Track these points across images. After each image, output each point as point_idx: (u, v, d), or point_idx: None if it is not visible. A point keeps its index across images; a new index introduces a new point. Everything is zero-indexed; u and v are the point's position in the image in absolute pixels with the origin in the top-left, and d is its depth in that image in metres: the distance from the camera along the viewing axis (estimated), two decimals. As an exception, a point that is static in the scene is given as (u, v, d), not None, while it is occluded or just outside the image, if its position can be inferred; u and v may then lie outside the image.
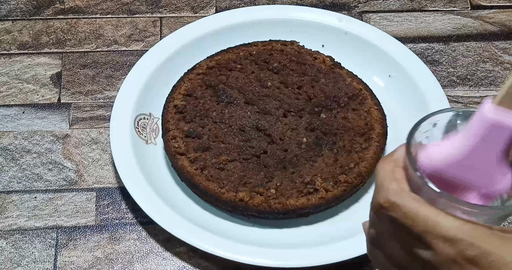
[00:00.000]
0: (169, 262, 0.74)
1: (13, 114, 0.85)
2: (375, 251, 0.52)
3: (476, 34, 0.95)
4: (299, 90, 0.81)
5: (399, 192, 0.46)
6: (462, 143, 0.46)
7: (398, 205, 0.46)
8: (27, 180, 0.80)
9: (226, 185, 0.73)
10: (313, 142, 0.76)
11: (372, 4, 0.98)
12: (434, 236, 0.44)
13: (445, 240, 0.44)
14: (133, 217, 0.77)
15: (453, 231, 0.44)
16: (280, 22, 0.90)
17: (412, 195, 0.46)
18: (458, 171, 0.46)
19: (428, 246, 0.45)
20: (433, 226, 0.44)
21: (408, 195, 0.46)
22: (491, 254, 0.43)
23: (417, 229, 0.45)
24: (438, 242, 0.44)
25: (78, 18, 0.95)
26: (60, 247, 0.75)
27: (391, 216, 0.46)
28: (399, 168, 0.47)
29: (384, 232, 0.49)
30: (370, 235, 0.52)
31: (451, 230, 0.44)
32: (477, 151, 0.45)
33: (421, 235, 0.45)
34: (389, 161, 0.48)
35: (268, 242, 0.73)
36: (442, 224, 0.44)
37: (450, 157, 0.46)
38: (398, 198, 0.46)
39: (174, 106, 0.79)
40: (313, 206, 0.73)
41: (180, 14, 0.96)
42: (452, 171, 0.46)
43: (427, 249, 0.45)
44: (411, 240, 0.46)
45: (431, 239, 0.44)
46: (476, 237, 0.43)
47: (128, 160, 0.76)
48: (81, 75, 0.89)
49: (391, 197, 0.46)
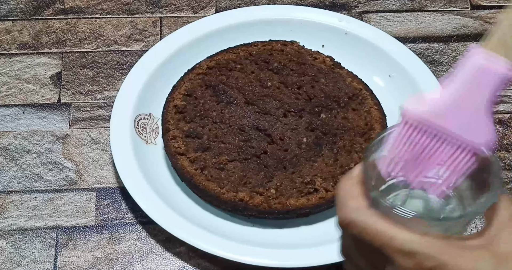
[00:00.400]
0: (169, 262, 0.74)
1: (13, 114, 0.85)
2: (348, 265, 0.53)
3: (476, 34, 0.95)
4: (299, 90, 0.81)
5: (356, 209, 0.48)
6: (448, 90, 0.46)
7: (356, 221, 0.47)
8: (27, 180, 0.80)
9: (226, 185, 0.73)
10: (313, 142, 0.76)
11: (372, 4, 0.98)
12: (392, 250, 0.46)
13: (403, 253, 0.45)
14: (133, 217, 0.77)
15: (409, 245, 0.45)
16: (280, 22, 0.90)
17: (369, 211, 0.47)
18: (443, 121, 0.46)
19: (389, 260, 0.46)
20: (390, 240, 0.45)
21: (365, 211, 0.47)
22: (448, 265, 0.44)
23: (376, 244, 0.46)
24: (397, 256, 0.45)
25: (78, 18, 0.95)
26: (60, 247, 0.75)
27: (352, 232, 0.48)
28: (357, 185, 0.49)
29: (350, 246, 0.51)
30: (341, 251, 0.53)
31: (407, 243, 0.45)
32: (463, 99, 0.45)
33: (381, 250, 0.46)
34: (348, 179, 0.50)
35: (268, 242, 0.73)
36: (398, 238, 0.45)
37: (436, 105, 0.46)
38: (356, 215, 0.47)
39: (174, 106, 0.79)
40: (313, 206, 0.73)
41: (180, 14, 0.96)
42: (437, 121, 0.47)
43: (388, 262, 0.47)
44: (373, 254, 0.47)
45: (389, 253, 0.46)
46: (433, 249, 0.45)
47: (128, 160, 0.76)
48: (81, 75, 0.89)
49: (349, 215, 0.48)
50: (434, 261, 0.45)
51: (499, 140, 0.84)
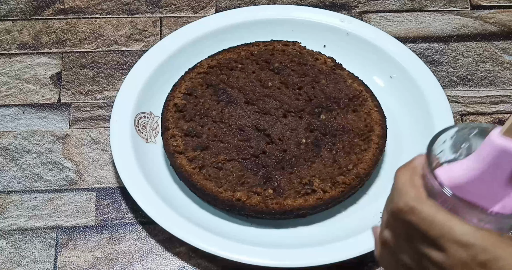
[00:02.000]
0: (169, 262, 0.74)
1: (13, 114, 0.85)
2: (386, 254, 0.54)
3: (476, 34, 0.95)
4: (300, 91, 0.81)
5: (418, 198, 0.49)
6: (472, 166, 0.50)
7: (416, 209, 0.49)
8: (27, 180, 0.79)
9: (224, 184, 0.73)
10: (312, 143, 0.76)
11: (372, 4, 0.98)
12: (449, 240, 0.47)
13: (459, 245, 0.47)
14: (133, 217, 0.77)
15: (467, 237, 0.47)
16: (282, 22, 0.90)
17: (430, 201, 0.49)
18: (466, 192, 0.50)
19: (442, 249, 0.48)
20: (448, 231, 0.47)
21: (426, 201, 0.49)
22: (502, 259, 0.46)
23: (433, 233, 0.48)
24: (452, 246, 0.47)
25: (78, 18, 0.95)
26: (60, 247, 0.75)
27: (409, 219, 0.49)
28: (418, 176, 0.50)
29: (399, 235, 0.52)
30: (383, 238, 0.54)
31: (465, 235, 0.47)
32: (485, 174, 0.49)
33: (436, 239, 0.48)
34: (408, 169, 0.51)
35: (267, 242, 0.73)
36: (456, 229, 0.47)
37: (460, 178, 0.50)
38: (417, 203, 0.49)
39: (174, 105, 0.79)
40: (310, 207, 0.73)
41: (180, 14, 0.96)
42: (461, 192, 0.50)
43: (440, 252, 0.48)
44: (425, 243, 0.49)
45: (445, 243, 0.47)
46: (488, 243, 0.46)
47: (128, 159, 0.76)
48: (81, 75, 0.89)
49: (410, 202, 0.49)
50: (489, 254, 0.46)
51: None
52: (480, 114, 0.87)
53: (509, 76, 0.91)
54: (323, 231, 0.75)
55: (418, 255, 0.50)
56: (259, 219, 0.75)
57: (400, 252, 0.52)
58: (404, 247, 0.52)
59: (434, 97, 0.83)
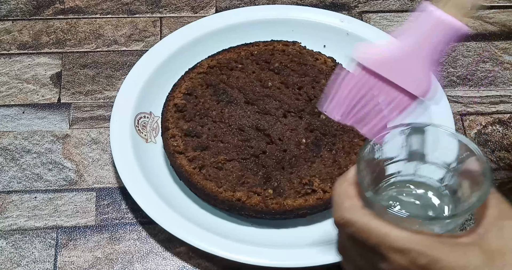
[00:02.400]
0: (169, 262, 0.74)
1: (13, 114, 0.85)
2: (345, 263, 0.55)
3: (476, 34, 0.95)
4: (300, 91, 0.81)
5: (351, 209, 0.49)
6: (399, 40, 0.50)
7: (351, 220, 0.49)
8: (27, 180, 0.79)
9: (224, 184, 0.73)
10: (312, 143, 0.76)
11: (372, 4, 0.98)
12: (386, 248, 0.47)
13: (396, 251, 0.47)
14: (133, 217, 0.77)
15: (402, 242, 0.47)
16: (282, 22, 0.90)
17: (363, 211, 0.49)
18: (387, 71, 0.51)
19: (383, 257, 0.48)
20: (383, 238, 0.47)
21: (360, 210, 0.49)
22: (440, 260, 0.46)
23: (371, 242, 0.48)
24: (390, 253, 0.47)
25: (78, 18, 0.95)
26: (60, 247, 0.75)
27: (347, 231, 0.50)
28: (352, 186, 0.51)
29: (346, 245, 0.53)
30: (337, 249, 0.55)
31: (400, 240, 0.47)
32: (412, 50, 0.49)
33: (375, 247, 0.48)
34: (344, 180, 0.52)
35: (268, 242, 0.73)
36: (391, 235, 0.47)
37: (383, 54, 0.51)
38: (351, 214, 0.49)
39: (174, 105, 0.79)
40: (310, 207, 0.73)
41: (180, 14, 0.96)
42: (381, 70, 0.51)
43: (382, 260, 0.48)
44: (368, 252, 0.49)
45: (384, 250, 0.47)
46: (425, 246, 0.46)
47: (128, 159, 0.76)
48: (81, 75, 0.89)
49: (345, 214, 0.50)
50: (426, 257, 0.46)
51: (499, 140, 0.84)
52: (480, 114, 0.87)
53: (509, 76, 0.91)
54: (323, 231, 0.75)
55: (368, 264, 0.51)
56: (259, 219, 0.75)
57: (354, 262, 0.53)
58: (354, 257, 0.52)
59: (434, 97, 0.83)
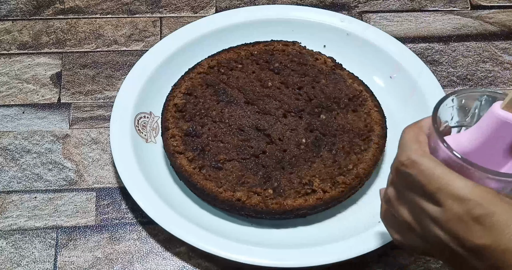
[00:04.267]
0: (169, 262, 0.74)
1: (13, 114, 0.85)
2: (388, 214, 0.56)
3: (476, 34, 0.95)
4: (300, 91, 0.81)
5: (419, 152, 0.51)
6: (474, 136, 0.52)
7: (417, 162, 0.50)
8: (27, 180, 0.79)
9: (224, 184, 0.73)
10: (312, 143, 0.76)
11: (372, 4, 0.98)
12: (445, 194, 0.49)
13: (455, 199, 0.48)
14: (133, 217, 0.77)
15: (463, 191, 0.48)
16: (282, 22, 0.90)
17: (431, 156, 0.50)
18: None
19: (439, 203, 0.49)
20: (446, 185, 0.49)
21: (427, 155, 0.51)
22: (496, 214, 0.47)
23: (431, 187, 0.49)
24: (448, 200, 0.48)
25: (78, 18, 0.95)
26: (60, 247, 0.75)
27: (409, 172, 0.51)
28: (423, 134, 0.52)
29: (400, 190, 0.53)
30: (386, 196, 0.56)
31: (461, 189, 0.48)
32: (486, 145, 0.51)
33: (434, 193, 0.49)
34: (415, 127, 0.54)
35: (267, 242, 0.73)
36: (454, 183, 0.48)
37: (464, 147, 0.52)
38: (418, 156, 0.50)
39: (174, 105, 0.79)
40: (310, 207, 0.73)
41: (180, 14, 0.96)
42: None
43: (437, 206, 0.49)
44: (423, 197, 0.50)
45: (442, 196, 0.49)
46: (484, 199, 0.48)
47: (128, 159, 0.76)
48: (81, 75, 0.89)
49: (412, 155, 0.51)
50: (483, 209, 0.47)
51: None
52: (480, 114, 0.87)
53: (509, 76, 0.91)
54: (323, 231, 0.75)
55: (416, 209, 0.51)
56: (259, 219, 0.75)
57: (401, 209, 0.54)
58: (404, 202, 0.53)
59: (434, 97, 0.83)
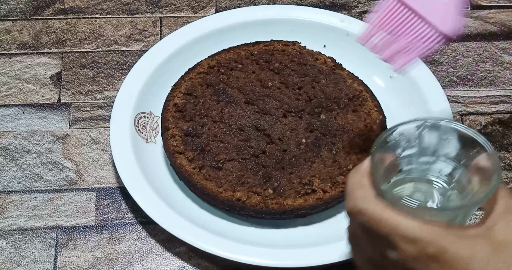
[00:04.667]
0: (169, 262, 0.74)
1: (13, 114, 0.85)
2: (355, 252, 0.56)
3: (476, 34, 0.95)
4: (300, 91, 0.81)
5: (365, 198, 0.51)
6: None
7: (363, 210, 0.50)
8: (27, 180, 0.79)
9: (223, 184, 0.73)
10: (312, 143, 0.76)
11: (372, 4, 0.98)
12: (397, 237, 0.49)
13: (407, 240, 0.48)
14: (133, 217, 0.77)
15: (413, 231, 0.48)
16: (282, 22, 0.90)
17: (376, 200, 0.50)
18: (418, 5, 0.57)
19: (393, 246, 0.49)
20: (394, 227, 0.48)
21: (372, 200, 0.50)
22: (448, 250, 0.47)
23: (383, 231, 0.49)
24: (401, 242, 0.48)
25: (78, 18, 0.95)
26: (60, 247, 0.75)
27: (360, 220, 0.51)
28: (366, 176, 0.52)
29: (358, 235, 0.54)
30: (348, 238, 0.56)
31: (410, 230, 0.48)
32: None
33: (386, 236, 0.49)
34: (357, 171, 0.53)
35: (267, 242, 0.73)
36: (402, 225, 0.48)
37: None
38: (363, 203, 0.50)
39: (174, 105, 0.79)
40: (310, 207, 0.73)
41: (180, 14, 0.96)
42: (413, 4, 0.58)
43: (393, 249, 0.49)
44: (380, 241, 0.50)
45: (394, 239, 0.49)
46: (435, 235, 0.48)
47: (128, 159, 0.76)
48: (81, 75, 0.89)
49: (358, 203, 0.51)
50: (435, 247, 0.47)
51: (499, 140, 0.84)
52: (480, 114, 0.87)
53: (509, 76, 0.91)
54: (323, 231, 0.75)
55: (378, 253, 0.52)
56: (259, 219, 0.75)
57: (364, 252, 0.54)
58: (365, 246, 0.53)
59: (434, 97, 0.83)
